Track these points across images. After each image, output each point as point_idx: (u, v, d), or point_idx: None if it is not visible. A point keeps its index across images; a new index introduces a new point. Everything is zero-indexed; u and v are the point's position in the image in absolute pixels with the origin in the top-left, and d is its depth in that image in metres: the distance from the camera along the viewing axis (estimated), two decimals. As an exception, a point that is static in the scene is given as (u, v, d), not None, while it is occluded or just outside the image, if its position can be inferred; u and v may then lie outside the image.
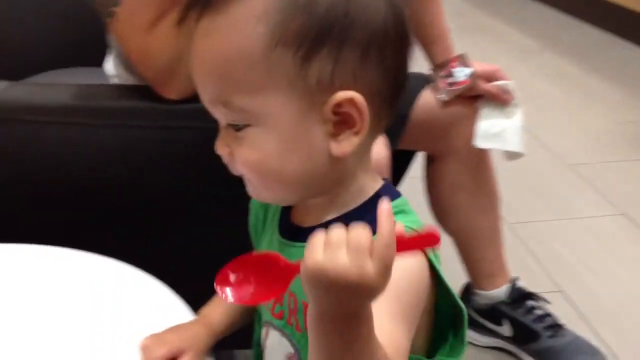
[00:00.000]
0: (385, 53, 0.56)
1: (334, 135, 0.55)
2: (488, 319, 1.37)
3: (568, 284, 1.56)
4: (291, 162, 0.56)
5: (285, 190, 0.58)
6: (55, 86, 1.04)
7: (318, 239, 0.44)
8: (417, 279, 0.55)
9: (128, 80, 1.10)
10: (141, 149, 0.97)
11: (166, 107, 0.96)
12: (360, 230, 0.43)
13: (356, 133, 0.55)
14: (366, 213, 0.56)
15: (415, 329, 0.55)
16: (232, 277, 0.52)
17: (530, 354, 1.34)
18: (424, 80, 1.20)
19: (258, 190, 0.59)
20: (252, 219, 0.72)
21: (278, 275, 0.50)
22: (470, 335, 1.40)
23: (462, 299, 1.35)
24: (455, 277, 1.43)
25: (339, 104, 0.54)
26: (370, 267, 0.42)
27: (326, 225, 0.54)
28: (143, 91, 0.99)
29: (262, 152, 0.55)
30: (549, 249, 1.68)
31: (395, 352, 0.50)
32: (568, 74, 2.86)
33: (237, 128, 0.56)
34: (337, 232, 0.44)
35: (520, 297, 1.33)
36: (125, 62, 1.08)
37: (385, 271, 0.43)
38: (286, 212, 0.65)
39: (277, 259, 0.51)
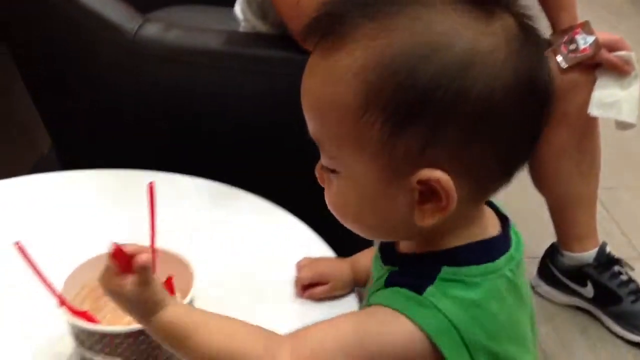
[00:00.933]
0: (503, 125, 0.49)
1: (420, 203, 0.50)
2: (571, 279, 1.42)
3: (648, 251, 1.59)
4: (369, 218, 0.54)
5: (367, 235, 0.57)
6: (208, 32, 1.09)
7: None
8: (394, 339, 0.51)
9: (256, 26, 1.15)
10: (281, 95, 1.02)
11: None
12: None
13: (441, 210, 0.50)
14: (420, 263, 0.54)
15: None
16: None
17: (610, 315, 1.40)
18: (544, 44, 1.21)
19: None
20: None
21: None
22: (552, 293, 1.46)
23: (547, 258, 1.44)
24: (537, 237, 1.48)
25: (425, 180, 0.49)
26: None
27: (410, 257, 0.55)
28: (282, 41, 1.03)
29: (344, 201, 0.54)
30: (630, 216, 1.71)
31: (308, 356, 0.51)
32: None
33: (329, 170, 0.54)
34: None
35: (607, 261, 1.38)
36: (259, 10, 1.12)
37: (102, 279, 0.57)
38: None
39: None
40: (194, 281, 0.65)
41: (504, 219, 0.57)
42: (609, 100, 1.20)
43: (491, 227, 0.56)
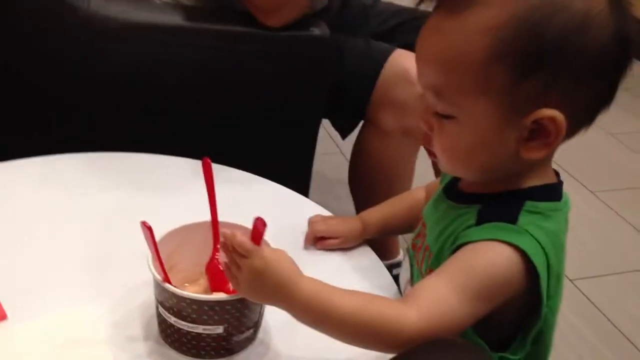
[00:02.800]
0: (603, 75, 0.58)
1: (527, 140, 0.59)
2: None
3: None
4: (479, 156, 0.62)
5: (469, 173, 0.66)
6: (149, 6, 1.07)
7: None
8: (498, 267, 0.59)
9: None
10: (246, 69, 1.05)
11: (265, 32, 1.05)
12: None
13: (548, 145, 0.59)
14: (504, 200, 0.62)
15: (485, 308, 0.59)
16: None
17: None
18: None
19: (444, 167, 0.66)
20: None
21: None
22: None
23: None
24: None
25: (540, 118, 0.58)
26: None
27: (494, 196, 0.63)
28: (247, 17, 1.05)
29: (457, 143, 0.61)
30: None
31: (429, 303, 0.58)
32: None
33: (442, 117, 0.61)
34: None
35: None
36: None
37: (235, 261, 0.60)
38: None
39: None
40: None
41: (555, 171, 0.67)
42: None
43: (554, 174, 0.66)
